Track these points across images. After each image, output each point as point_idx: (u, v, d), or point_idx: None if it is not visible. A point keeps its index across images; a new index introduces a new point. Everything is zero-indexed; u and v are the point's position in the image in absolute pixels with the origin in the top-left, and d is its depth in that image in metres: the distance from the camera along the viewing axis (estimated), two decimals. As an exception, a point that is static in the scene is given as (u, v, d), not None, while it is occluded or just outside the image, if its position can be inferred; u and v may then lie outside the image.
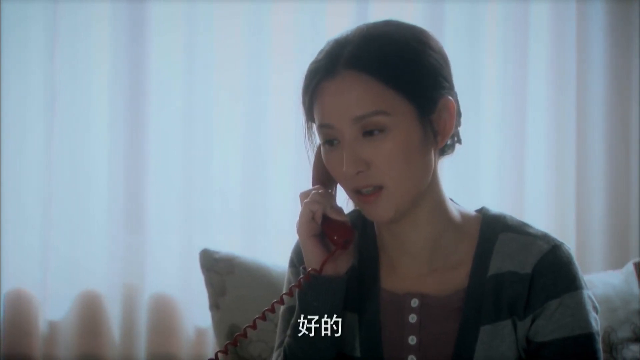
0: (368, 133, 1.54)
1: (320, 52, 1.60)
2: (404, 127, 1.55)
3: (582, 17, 3.13)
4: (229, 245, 2.79)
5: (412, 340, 1.64)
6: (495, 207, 1.64)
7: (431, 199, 1.63)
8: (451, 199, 1.69)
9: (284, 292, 1.76)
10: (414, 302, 1.64)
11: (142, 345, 2.86)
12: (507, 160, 3.09)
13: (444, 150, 1.66)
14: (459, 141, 1.69)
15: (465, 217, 1.68)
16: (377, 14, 2.89)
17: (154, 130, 2.89)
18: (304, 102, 1.61)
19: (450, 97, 1.59)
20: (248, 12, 2.92)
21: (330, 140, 1.58)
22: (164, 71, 2.91)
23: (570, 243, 3.08)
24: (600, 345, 1.62)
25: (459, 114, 1.66)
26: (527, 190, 3.09)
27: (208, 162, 2.92)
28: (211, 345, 2.86)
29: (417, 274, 1.66)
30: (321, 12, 2.94)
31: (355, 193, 1.59)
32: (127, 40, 2.87)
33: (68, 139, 2.86)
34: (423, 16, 2.99)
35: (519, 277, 1.61)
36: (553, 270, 1.61)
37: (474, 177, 3.05)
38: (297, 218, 1.63)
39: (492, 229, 1.66)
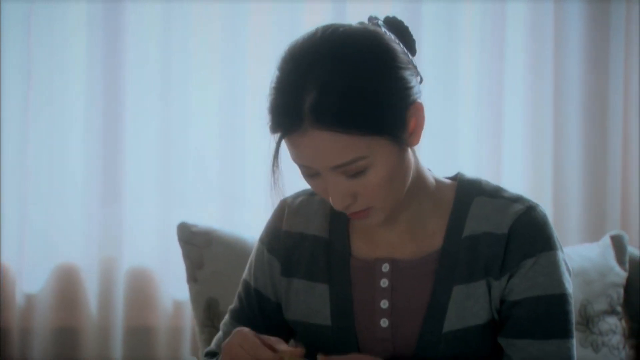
0: (350, 174, 1.53)
1: (277, 88, 1.53)
2: (384, 158, 1.53)
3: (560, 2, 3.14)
4: (206, 217, 2.80)
5: (384, 304, 1.64)
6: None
7: (412, 180, 1.63)
8: (428, 169, 1.70)
9: (247, 266, 1.78)
10: (385, 267, 1.65)
11: (119, 318, 2.86)
12: (485, 137, 3.09)
13: None
14: (421, 79, 1.63)
15: (440, 184, 1.69)
16: (354, 13, 2.88)
17: (131, 102, 2.88)
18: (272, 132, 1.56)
19: (416, 100, 1.56)
20: (225, 10, 2.92)
21: (313, 174, 1.56)
22: (142, 47, 2.90)
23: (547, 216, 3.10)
24: (572, 308, 1.63)
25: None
26: (504, 165, 3.09)
27: (185, 134, 2.91)
28: (189, 318, 2.86)
29: (391, 241, 1.67)
30: (299, 10, 2.93)
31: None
32: (103, 22, 2.87)
33: (44, 112, 2.85)
34: (400, 5, 2.98)
35: (495, 237, 1.62)
36: (529, 230, 1.62)
37: (452, 157, 3.06)
38: None
39: (467, 193, 1.67)
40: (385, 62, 1.53)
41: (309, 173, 1.56)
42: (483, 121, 3.09)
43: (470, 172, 1.74)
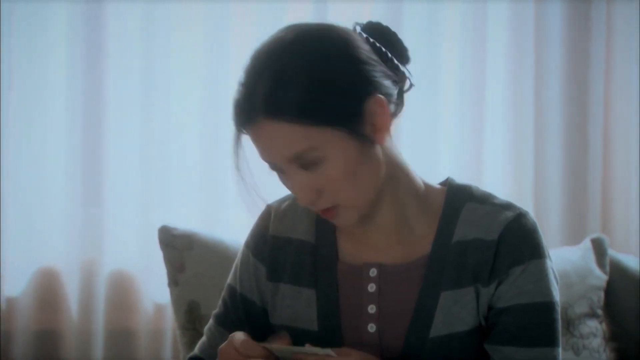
0: (306, 167, 1.54)
1: (240, 84, 1.56)
2: (338, 151, 1.53)
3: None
4: (187, 220, 2.79)
5: (372, 309, 1.64)
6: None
7: (393, 182, 1.63)
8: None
9: (233, 270, 1.78)
10: (373, 272, 1.65)
11: (100, 321, 2.85)
12: (466, 138, 3.10)
13: (394, 116, 1.63)
14: (412, 85, 1.65)
15: (429, 188, 1.69)
16: (336, 13, 2.89)
17: (112, 105, 2.87)
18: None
19: (376, 94, 1.55)
20: (207, 12, 2.92)
21: (277, 170, 1.58)
22: (123, 48, 2.88)
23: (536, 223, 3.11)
24: (559, 316, 1.64)
25: (405, 79, 1.63)
26: (485, 168, 3.10)
27: (167, 137, 2.90)
28: (170, 321, 2.85)
29: (379, 245, 1.67)
30: (281, 12, 2.92)
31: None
32: (84, 25, 2.86)
33: (24, 111, 2.83)
34: (382, 5, 2.99)
35: (484, 244, 1.62)
36: (518, 237, 1.62)
37: (433, 157, 3.06)
38: None
39: (458, 198, 1.67)
40: (337, 52, 1.54)
41: (273, 169, 1.58)
42: (464, 122, 3.10)
43: (451, 173, 1.74)
